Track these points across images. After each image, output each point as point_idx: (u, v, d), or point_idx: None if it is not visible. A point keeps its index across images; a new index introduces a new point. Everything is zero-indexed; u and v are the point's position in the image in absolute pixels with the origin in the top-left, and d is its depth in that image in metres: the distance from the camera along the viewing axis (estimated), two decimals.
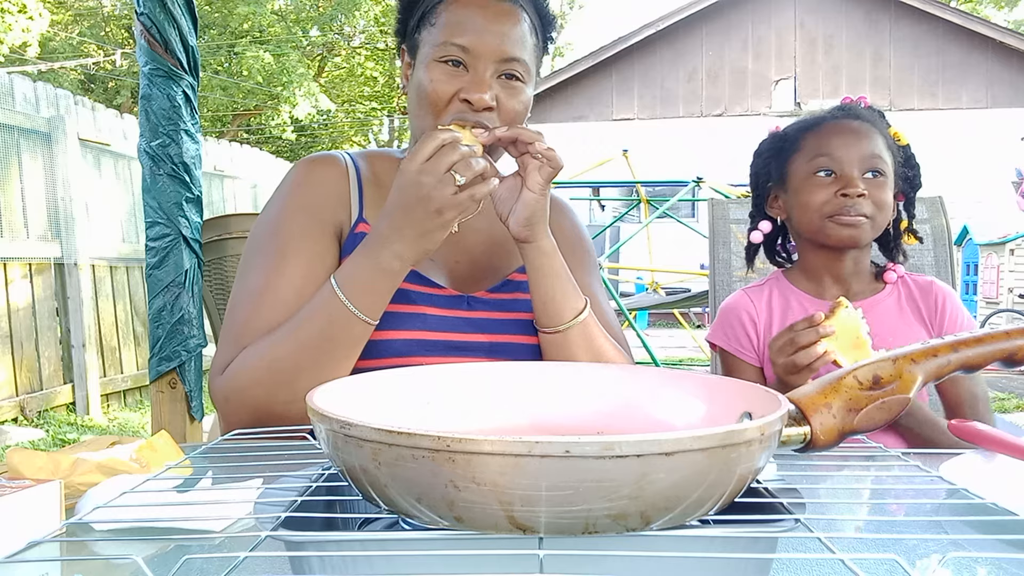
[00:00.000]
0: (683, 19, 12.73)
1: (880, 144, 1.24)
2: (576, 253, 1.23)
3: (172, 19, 2.11)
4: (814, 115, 1.31)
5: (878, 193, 1.22)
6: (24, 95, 4.80)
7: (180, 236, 2.14)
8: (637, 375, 0.71)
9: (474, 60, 1.04)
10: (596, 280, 1.26)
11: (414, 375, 0.69)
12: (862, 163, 1.22)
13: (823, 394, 0.58)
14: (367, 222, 1.12)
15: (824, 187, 1.23)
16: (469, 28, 1.04)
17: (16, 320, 4.38)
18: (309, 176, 1.14)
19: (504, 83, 1.06)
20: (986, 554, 0.61)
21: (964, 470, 0.74)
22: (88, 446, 0.88)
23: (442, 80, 1.04)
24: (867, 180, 1.22)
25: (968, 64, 12.24)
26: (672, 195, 6.43)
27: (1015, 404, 5.11)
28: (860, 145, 1.22)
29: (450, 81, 1.04)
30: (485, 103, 1.03)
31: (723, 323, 1.35)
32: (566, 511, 0.43)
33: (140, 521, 0.62)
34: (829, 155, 1.23)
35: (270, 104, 16.74)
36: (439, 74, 1.04)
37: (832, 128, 1.25)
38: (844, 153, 1.22)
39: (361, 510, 0.62)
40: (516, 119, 1.07)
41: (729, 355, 1.34)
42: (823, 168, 1.23)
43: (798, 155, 1.27)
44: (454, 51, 1.04)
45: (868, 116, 1.27)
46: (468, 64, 1.04)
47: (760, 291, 1.34)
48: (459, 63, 1.04)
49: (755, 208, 1.38)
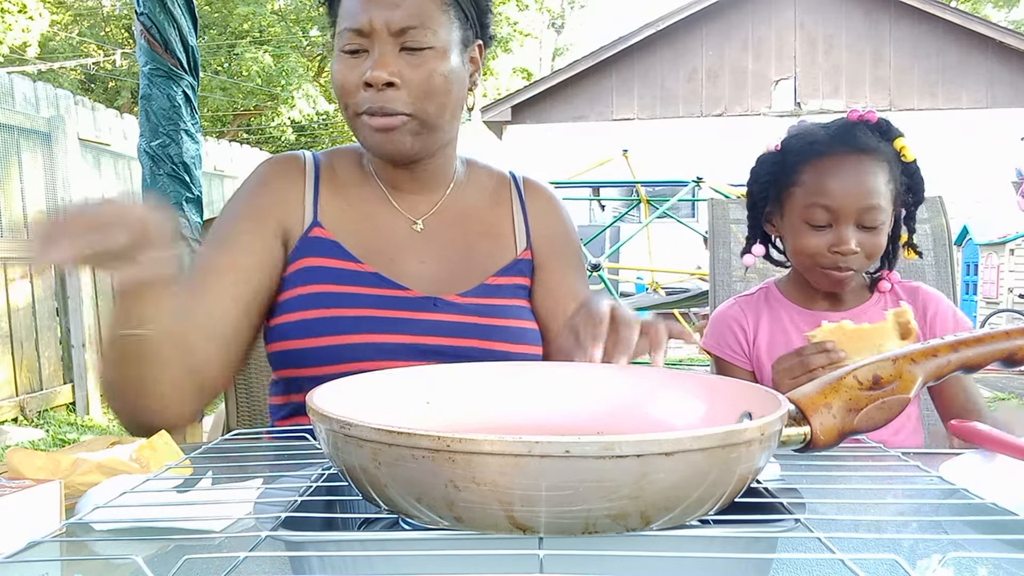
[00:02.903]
0: (683, 19, 12.73)
1: (880, 183, 1.19)
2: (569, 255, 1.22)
3: (172, 19, 2.11)
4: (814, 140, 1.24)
5: (871, 243, 1.20)
6: (24, 95, 4.80)
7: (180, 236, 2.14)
8: (637, 375, 0.71)
9: (371, 42, 1.02)
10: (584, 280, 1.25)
11: (414, 375, 0.69)
12: (859, 215, 1.18)
13: (823, 394, 0.58)
14: (323, 226, 1.11)
15: (817, 237, 1.20)
16: (360, 9, 1.01)
17: (16, 320, 4.38)
18: (263, 177, 1.14)
19: (407, 56, 1.02)
20: (986, 554, 0.61)
21: (964, 470, 0.74)
22: (88, 446, 0.88)
23: (345, 71, 1.03)
24: (862, 231, 1.19)
25: (968, 64, 12.24)
26: (672, 195, 6.43)
27: (1015, 404, 5.11)
28: (859, 194, 1.17)
29: (353, 70, 1.02)
30: (382, 79, 0.99)
31: (715, 331, 1.36)
32: (566, 511, 0.43)
33: (140, 521, 0.62)
34: (826, 207, 1.18)
35: (270, 105, 16.74)
36: (342, 65, 1.03)
37: (831, 168, 1.19)
38: (840, 204, 1.17)
39: (361, 510, 0.62)
40: (428, 93, 1.02)
41: (723, 361, 1.35)
42: (818, 221, 1.19)
43: (796, 189, 1.23)
44: (352, 37, 1.02)
45: (870, 144, 1.21)
46: (368, 48, 1.02)
47: (751, 301, 1.35)
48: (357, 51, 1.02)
49: (751, 225, 1.35)
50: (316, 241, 1.10)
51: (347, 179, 1.16)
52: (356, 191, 1.15)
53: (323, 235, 1.10)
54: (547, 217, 1.22)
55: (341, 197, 1.14)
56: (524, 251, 1.18)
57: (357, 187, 1.16)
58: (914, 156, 1.24)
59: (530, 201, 1.22)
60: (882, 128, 1.24)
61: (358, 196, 1.15)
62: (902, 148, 1.24)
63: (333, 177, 1.16)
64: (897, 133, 1.25)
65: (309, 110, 16.12)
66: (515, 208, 1.21)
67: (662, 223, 6.87)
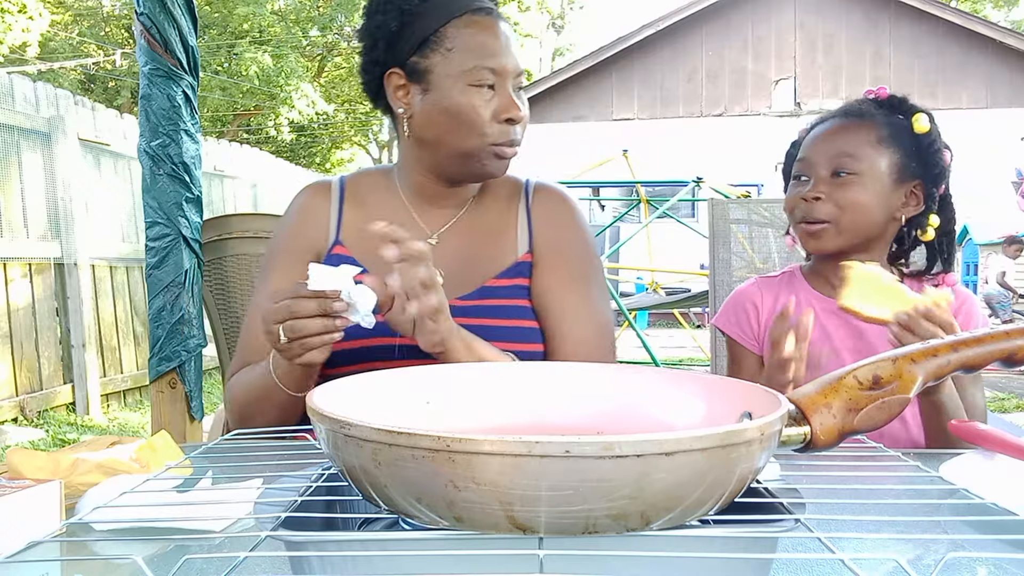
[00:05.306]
0: (683, 19, 12.73)
1: (862, 139, 1.20)
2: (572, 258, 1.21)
3: (172, 19, 2.11)
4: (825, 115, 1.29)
5: (842, 193, 1.19)
6: (24, 95, 4.79)
7: (180, 236, 2.14)
8: (637, 375, 0.71)
9: (501, 80, 1.12)
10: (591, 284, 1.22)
11: (414, 375, 0.69)
12: (829, 162, 1.20)
13: (823, 394, 0.58)
14: (343, 244, 1.20)
15: (794, 191, 1.23)
16: (493, 50, 1.12)
17: (16, 320, 4.38)
18: (298, 204, 1.25)
19: (519, 96, 1.15)
20: (986, 554, 0.61)
21: (964, 470, 0.74)
22: (88, 446, 0.88)
23: (481, 104, 1.11)
24: (831, 181, 1.20)
25: (968, 64, 12.24)
26: (672, 195, 6.43)
27: (1015, 404, 5.11)
28: (830, 145, 1.21)
29: (485, 104, 1.11)
30: (521, 117, 1.13)
31: (730, 308, 1.36)
32: (566, 511, 0.43)
33: (140, 521, 0.62)
34: (803, 159, 1.23)
35: (269, 105, 16.74)
36: (477, 99, 1.11)
37: (819, 131, 1.25)
38: (813, 154, 1.22)
39: (361, 510, 0.62)
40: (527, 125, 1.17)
41: (732, 340, 1.34)
42: (798, 172, 1.23)
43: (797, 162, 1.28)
44: (486, 75, 1.11)
45: (864, 111, 1.24)
46: (496, 85, 1.12)
47: (772, 282, 1.35)
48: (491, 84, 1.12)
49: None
50: (335, 258, 1.17)
51: (371, 197, 1.24)
52: (378, 207, 1.22)
53: (341, 252, 1.19)
54: (554, 221, 1.23)
55: (364, 214, 1.21)
56: (525, 254, 1.20)
57: (380, 203, 1.23)
58: (927, 127, 1.23)
59: (536, 205, 1.24)
60: (895, 104, 1.26)
61: (380, 212, 1.20)
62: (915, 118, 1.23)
63: (357, 195, 1.24)
64: (915, 108, 1.25)
65: (309, 111, 16.11)
66: (520, 212, 1.23)
67: (662, 223, 6.88)
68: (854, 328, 1.24)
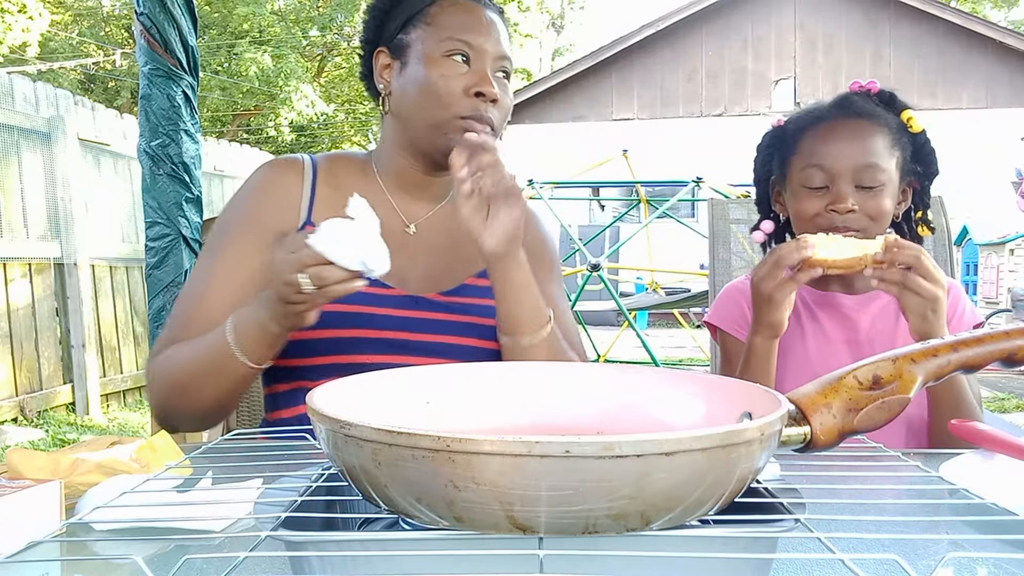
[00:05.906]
0: (683, 19, 12.73)
1: (879, 145, 1.19)
2: (543, 262, 1.23)
3: (172, 19, 2.11)
4: (815, 110, 1.25)
5: (872, 204, 1.18)
6: (24, 95, 4.79)
7: (180, 236, 2.14)
8: (637, 375, 0.71)
9: (478, 56, 1.11)
10: (560, 288, 1.28)
11: (414, 375, 0.69)
12: (856, 174, 1.17)
13: (823, 394, 0.58)
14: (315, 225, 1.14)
15: (815, 199, 1.19)
16: (471, 27, 1.11)
17: (16, 320, 4.38)
18: (263, 180, 1.18)
19: (499, 80, 1.13)
20: (986, 554, 0.61)
21: (964, 470, 0.74)
22: (88, 446, 0.88)
23: (451, 75, 1.09)
24: (860, 192, 1.18)
25: (968, 64, 12.24)
26: (672, 195, 6.42)
27: (1015, 404, 5.11)
28: (854, 153, 1.17)
29: (458, 77, 1.09)
30: (494, 95, 1.09)
31: (721, 302, 1.36)
32: (566, 511, 0.43)
33: (140, 521, 0.62)
34: (820, 166, 1.19)
35: (269, 106, 16.73)
36: (449, 69, 1.09)
37: (828, 131, 1.20)
38: (835, 163, 1.18)
39: (361, 510, 0.62)
40: (507, 114, 1.15)
41: (724, 335, 1.34)
42: (815, 183, 1.19)
43: (795, 158, 1.24)
44: (461, 46, 1.10)
45: (870, 110, 1.22)
46: (472, 60, 1.11)
47: None
48: (465, 58, 1.10)
49: (759, 203, 1.36)
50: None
51: (347, 181, 1.19)
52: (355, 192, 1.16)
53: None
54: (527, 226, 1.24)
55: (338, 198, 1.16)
56: None
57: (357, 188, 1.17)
58: (922, 127, 1.23)
59: None
60: (885, 99, 1.25)
61: None
62: (909, 119, 1.23)
63: (331, 179, 1.19)
64: (904, 105, 1.24)
65: (308, 111, 16.11)
66: None
67: (662, 223, 6.87)
68: (847, 319, 1.26)
